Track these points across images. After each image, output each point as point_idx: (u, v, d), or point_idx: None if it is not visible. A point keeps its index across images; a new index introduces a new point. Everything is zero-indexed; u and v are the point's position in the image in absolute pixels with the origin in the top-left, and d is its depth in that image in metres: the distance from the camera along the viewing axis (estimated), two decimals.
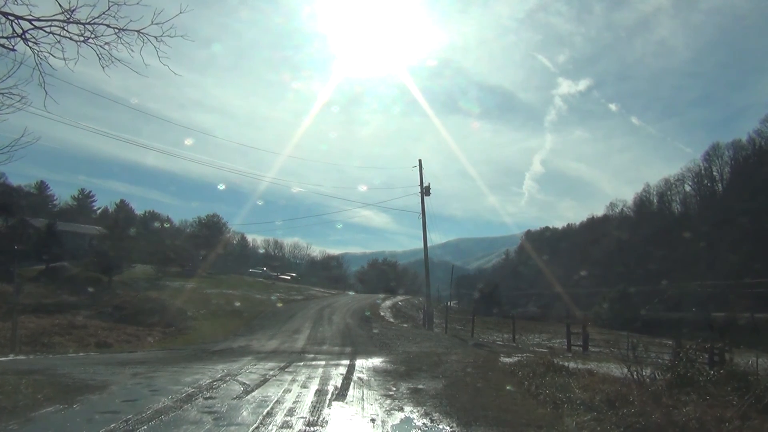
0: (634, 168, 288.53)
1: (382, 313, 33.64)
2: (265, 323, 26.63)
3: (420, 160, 33.91)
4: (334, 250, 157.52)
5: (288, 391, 8.77)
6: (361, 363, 12.89)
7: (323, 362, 13.10)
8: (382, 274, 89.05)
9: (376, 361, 13.24)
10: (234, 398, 8.03)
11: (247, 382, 9.60)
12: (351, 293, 64.50)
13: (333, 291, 63.86)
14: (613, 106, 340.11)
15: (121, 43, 7.56)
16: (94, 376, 10.67)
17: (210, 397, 8.07)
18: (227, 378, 10.20)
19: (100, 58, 7.33)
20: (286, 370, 11.52)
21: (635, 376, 7.47)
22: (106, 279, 44.78)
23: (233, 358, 14.20)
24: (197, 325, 28.30)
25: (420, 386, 9.49)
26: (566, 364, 12.25)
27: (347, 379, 10.20)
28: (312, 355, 14.89)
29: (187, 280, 50.51)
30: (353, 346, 17.52)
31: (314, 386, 9.27)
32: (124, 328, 27.34)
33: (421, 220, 33.06)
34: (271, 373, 10.99)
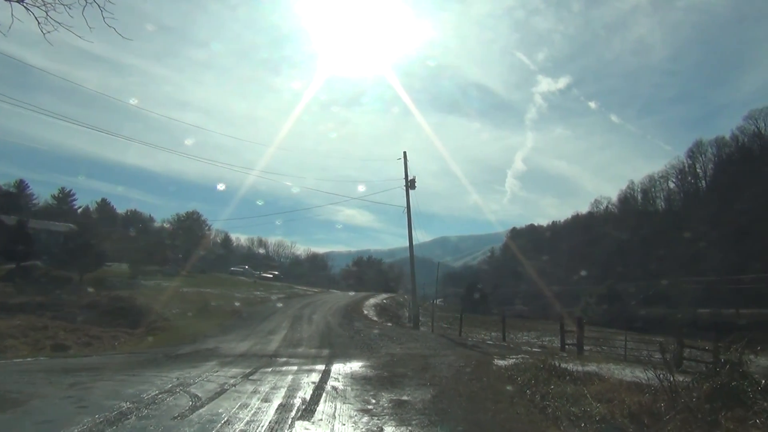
0: (615, 165, 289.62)
1: (365, 312, 32.15)
2: (241, 323, 25.00)
3: (405, 152, 32.50)
4: (320, 249, 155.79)
5: (245, 406, 7.25)
6: (337, 368, 11.39)
7: (295, 367, 11.56)
8: (367, 272, 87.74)
9: (355, 366, 11.74)
10: (175, 417, 6.51)
11: (198, 395, 8.07)
12: (335, 291, 62.95)
13: (316, 289, 62.26)
14: (592, 104, 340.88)
15: (60, 3, 6.69)
16: (23, 387, 9.09)
17: (146, 416, 6.55)
18: (177, 389, 8.66)
19: (38, 23, 6.37)
20: (250, 377, 9.98)
21: (666, 385, 6.11)
22: (77, 278, 42.78)
23: (195, 363, 12.61)
24: (168, 325, 26.58)
25: (404, 397, 8.04)
26: (567, 366, 10.94)
27: (319, 389, 8.70)
28: (284, 359, 13.33)
29: (165, 279, 48.78)
30: (332, 348, 15.98)
31: (278, 399, 7.76)
32: (89, 329, 25.44)
33: (406, 214, 31.71)
34: (232, 381, 9.45)
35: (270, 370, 11.10)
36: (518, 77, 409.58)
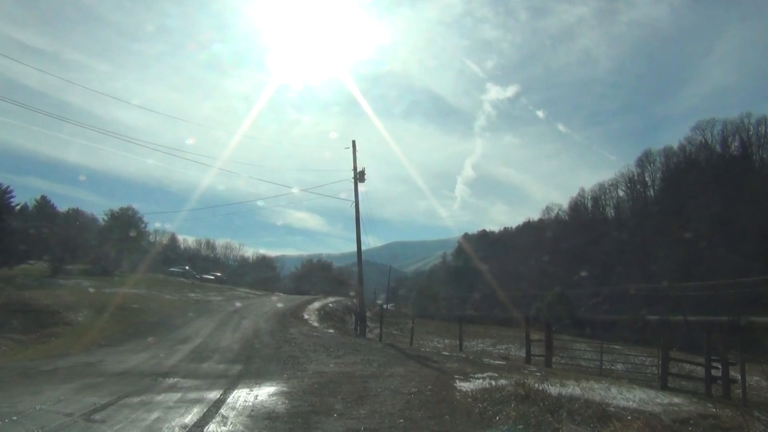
0: (563, 174, 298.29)
1: (306, 316, 28.65)
2: (154, 328, 21.07)
3: (354, 141, 29.09)
4: (270, 252, 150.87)
5: None
6: (237, 397, 7.95)
7: (178, 395, 8.10)
8: (315, 275, 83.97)
9: (264, 393, 8.31)
10: None
11: None
12: (280, 294, 59.05)
13: (260, 292, 58.19)
14: (540, 113, 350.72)
15: None
16: None
17: None
18: None
19: None
20: (91, 416, 6.46)
21: None
22: None
23: (42, 387, 8.92)
24: (68, 331, 22.34)
25: None
26: (560, 392, 8.09)
27: None
28: (174, 381, 9.79)
29: (88, 279, 43.92)
30: (247, 363, 12.44)
31: None
32: None
33: (354, 208, 28.53)
34: (55, 425, 5.99)
35: (137, 400, 7.58)
36: (467, 84, 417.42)
